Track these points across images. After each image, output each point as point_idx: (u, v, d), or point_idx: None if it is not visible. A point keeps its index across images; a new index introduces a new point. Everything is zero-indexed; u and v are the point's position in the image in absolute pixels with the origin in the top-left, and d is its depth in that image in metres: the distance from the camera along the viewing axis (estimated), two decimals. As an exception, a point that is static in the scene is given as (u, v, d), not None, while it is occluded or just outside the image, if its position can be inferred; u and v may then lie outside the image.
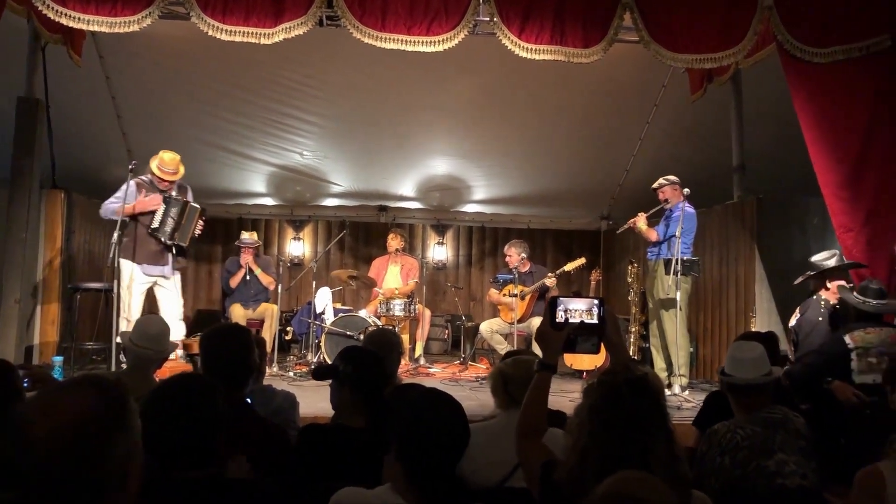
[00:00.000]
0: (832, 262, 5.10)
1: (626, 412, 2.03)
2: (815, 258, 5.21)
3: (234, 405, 2.87)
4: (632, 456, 1.96)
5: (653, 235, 6.50)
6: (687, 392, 6.11)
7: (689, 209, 6.32)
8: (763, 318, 6.59)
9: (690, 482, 2.07)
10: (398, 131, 8.72)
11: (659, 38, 5.49)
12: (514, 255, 7.82)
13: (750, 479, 3.00)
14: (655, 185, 6.65)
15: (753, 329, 6.28)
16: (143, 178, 6.48)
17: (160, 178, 6.48)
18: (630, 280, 7.01)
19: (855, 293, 4.56)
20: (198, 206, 6.60)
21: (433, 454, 2.02)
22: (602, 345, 2.47)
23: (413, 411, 2.11)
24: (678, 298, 6.09)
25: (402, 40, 5.44)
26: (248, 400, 3.26)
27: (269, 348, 7.03)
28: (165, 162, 6.48)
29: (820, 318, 4.90)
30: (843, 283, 4.94)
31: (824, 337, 4.76)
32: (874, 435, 2.48)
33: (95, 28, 5.40)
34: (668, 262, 6.22)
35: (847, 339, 4.36)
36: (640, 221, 6.55)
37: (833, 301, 4.91)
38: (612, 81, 7.68)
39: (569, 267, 7.82)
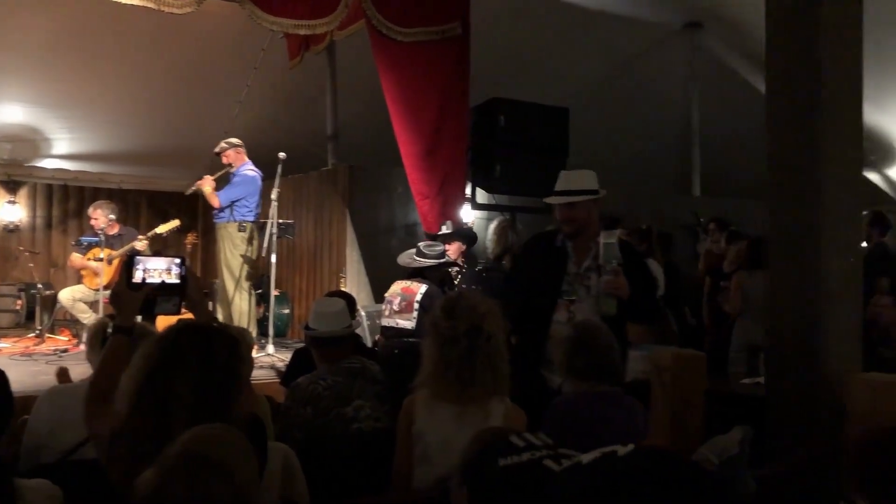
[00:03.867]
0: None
1: (202, 364, 1.99)
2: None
3: None
4: (207, 409, 1.92)
5: (215, 201, 6.44)
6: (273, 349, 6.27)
7: (251, 173, 6.47)
8: (353, 278, 7.02)
9: (266, 434, 2.12)
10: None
11: (254, -1, 5.46)
12: (101, 216, 7.21)
13: (330, 426, 3.18)
14: (217, 149, 6.62)
15: (343, 288, 6.66)
16: None
17: None
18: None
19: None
20: None
21: None
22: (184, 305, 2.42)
23: None
24: (272, 261, 6.21)
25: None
26: None
27: None
28: None
29: None
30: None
31: None
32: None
33: None
34: (260, 227, 6.35)
35: None
36: (207, 185, 6.48)
37: None
38: (213, 39, 7.47)
39: (161, 229, 7.43)
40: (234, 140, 6.60)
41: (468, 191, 6.72)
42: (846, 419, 2.54)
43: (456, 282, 5.60)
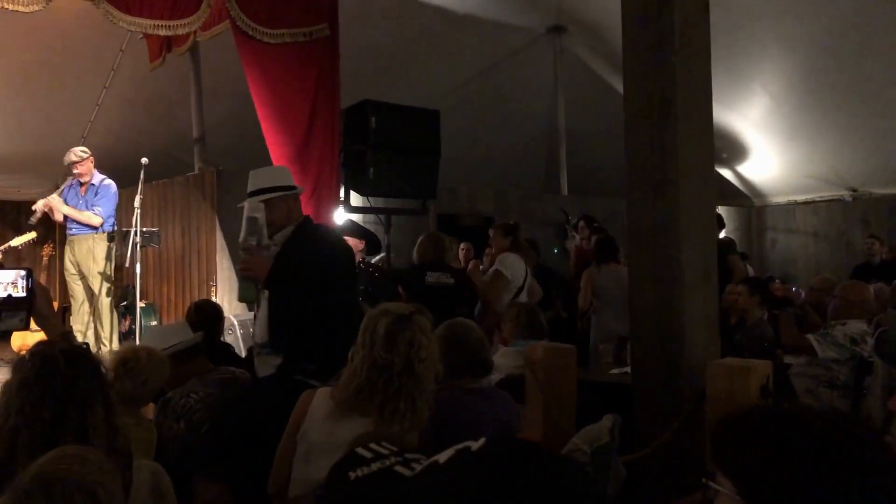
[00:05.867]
0: None
1: (63, 384, 1.91)
2: None
3: None
4: (67, 430, 1.85)
5: (94, 219, 6.18)
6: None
7: (109, 181, 6.29)
8: (224, 287, 6.81)
9: (131, 453, 2.02)
10: None
11: (111, -2, 5.21)
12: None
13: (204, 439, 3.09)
14: (75, 158, 6.30)
15: (214, 297, 6.46)
16: None
17: None
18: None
19: None
20: None
21: None
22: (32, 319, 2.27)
23: None
24: (137, 272, 5.95)
25: None
26: None
27: None
28: None
29: None
30: None
31: None
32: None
33: None
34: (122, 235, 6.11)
35: None
36: (58, 203, 6.18)
37: None
38: (66, 40, 7.07)
39: (16, 242, 7.00)
40: (86, 150, 6.37)
41: (342, 193, 6.66)
42: (705, 403, 2.68)
43: None
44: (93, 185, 6.28)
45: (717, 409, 2.56)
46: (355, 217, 7.41)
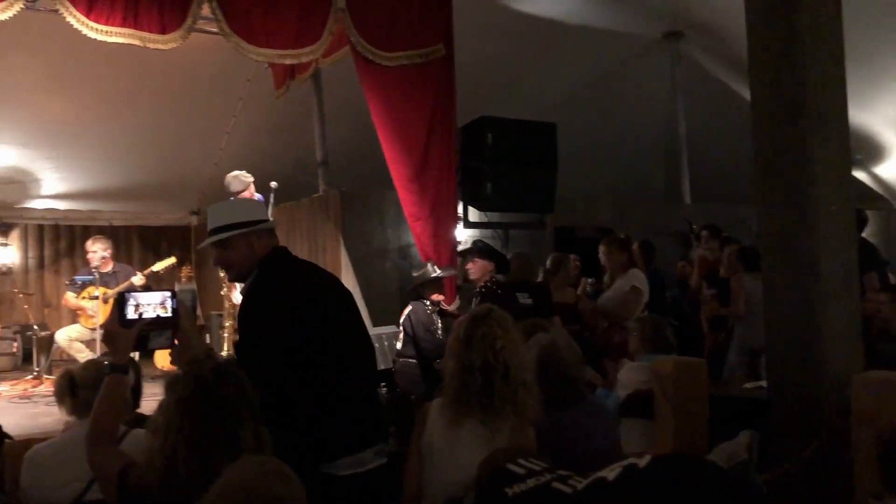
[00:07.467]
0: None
1: (216, 401, 2.00)
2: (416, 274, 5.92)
3: None
4: (221, 445, 1.94)
5: None
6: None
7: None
8: (349, 304, 6.99)
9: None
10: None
11: (239, 31, 5.46)
12: (99, 250, 7.16)
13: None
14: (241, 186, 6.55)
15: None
16: None
17: None
18: (223, 275, 6.91)
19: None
20: None
21: None
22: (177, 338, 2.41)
23: None
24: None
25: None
26: None
27: None
28: None
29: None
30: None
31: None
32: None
33: None
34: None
35: None
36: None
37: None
38: (197, 72, 7.49)
39: (158, 267, 7.45)
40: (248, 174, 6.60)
41: (460, 210, 6.73)
42: (850, 418, 2.54)
43: (476, 301, 5.50)
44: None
45: (863, 426, 2.41)
46: (472, 233, 7.48)
